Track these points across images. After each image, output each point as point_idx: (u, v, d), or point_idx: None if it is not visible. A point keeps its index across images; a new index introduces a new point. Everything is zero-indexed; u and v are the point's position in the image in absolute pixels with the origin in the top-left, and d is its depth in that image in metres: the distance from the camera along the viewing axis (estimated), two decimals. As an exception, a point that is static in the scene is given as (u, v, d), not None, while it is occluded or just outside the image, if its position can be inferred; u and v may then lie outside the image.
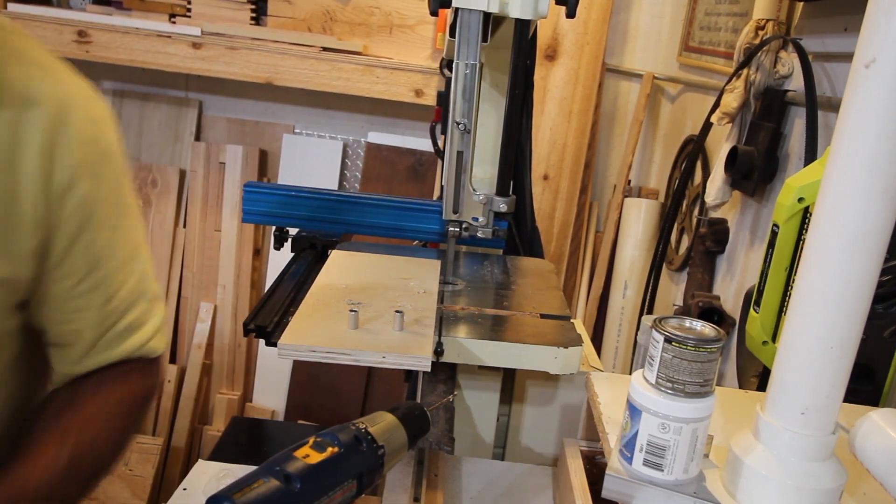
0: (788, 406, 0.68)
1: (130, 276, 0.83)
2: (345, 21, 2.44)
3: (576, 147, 2.44)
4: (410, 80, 2.33)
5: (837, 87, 1.42)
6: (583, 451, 0.96)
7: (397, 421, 0.77)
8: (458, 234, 1.24)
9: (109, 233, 0.79)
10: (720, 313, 1.73)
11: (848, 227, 0.62)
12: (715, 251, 1.86)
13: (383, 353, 0.88)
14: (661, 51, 2.54)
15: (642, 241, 2.41)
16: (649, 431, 0.72)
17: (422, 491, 0.93)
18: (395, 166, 2.61)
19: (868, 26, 0.59)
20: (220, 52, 2.30)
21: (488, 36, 1.08)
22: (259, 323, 1.04)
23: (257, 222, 2.38)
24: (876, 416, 0.66)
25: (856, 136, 0.60)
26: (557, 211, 2.49)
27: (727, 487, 0.73)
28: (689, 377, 0.70)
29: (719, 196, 1.72)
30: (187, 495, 0.89)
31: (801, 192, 0.91)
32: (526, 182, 1.48)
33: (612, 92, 2.62)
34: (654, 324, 0.72)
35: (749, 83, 1.62)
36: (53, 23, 2.25)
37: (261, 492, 0.62)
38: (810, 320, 0.65)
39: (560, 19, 2.34)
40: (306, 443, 0.68)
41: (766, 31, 1.60)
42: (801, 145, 1.46)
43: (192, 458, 2.61)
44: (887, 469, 0.64)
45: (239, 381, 2.67)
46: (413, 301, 1.05)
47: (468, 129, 1.13)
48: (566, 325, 1.07)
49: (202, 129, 2.65)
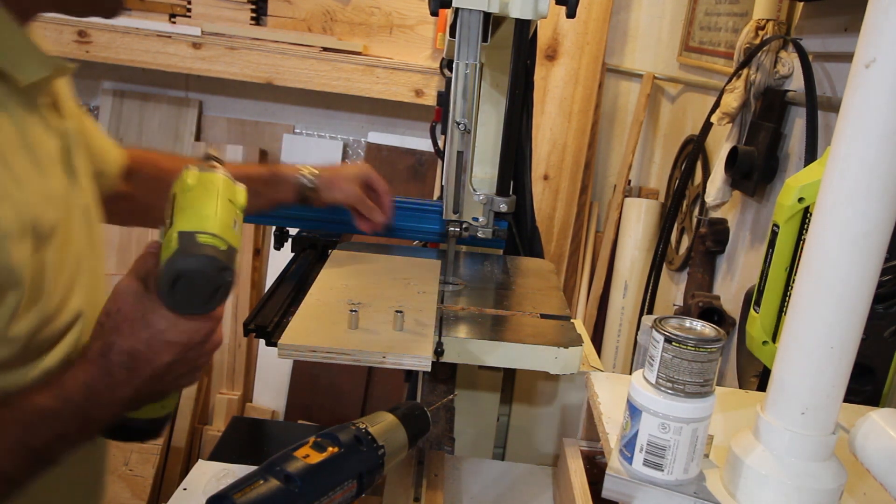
0: (788, 406, 0.68)
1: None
2: (345, 21, 2.44)
3: (576, 147, 2.44)
4: (410, 80, 2.33)
5: (837, 87, 1.42)
6: (583, 451, 0.96)
7: (397, 421, 0.77)
8: (458, 234, 1.24)
9: None
10: (720, 313, 1.73)
11: (848, 227, 0.62)
12: (715, 251, 1.86)
13: (383, 353, 0.88)
14: (662, 51, 2.54)
15: (642, 241, 2.41)
16: (649, 431, 0.72)
17: (422, 491, 0.93)
18: (395, 166, 2.61)
19: (868, 26, 0.59)
20: (220, 52, 2.30)
21: (488, 36, 1.08)
22: (259, 323, 1.04)
23: (257, 222, 2.38)
24: (876, 416, 0.66)
25: (856, 136, 0.60)
26: (557, 211, 2.49)
27: (727, 487, 0.73)
28: (689, 377, 0.70)
29: (719, 196, 1.72)
30: (187, 495, 0.89)
31: (801, 192, 0.90)
32: (526, 182, 1.48)
33: (612, 92, 2.62)
34: (654, 324, 0.72)
35: (749, 83, 1.62)
36: (54, 22, 2.25)
37: (261, 492, 0.62)
38: (810, 320, 0.65)
39: (560, 19, 2.34)
40: (306, 443, 0.68)
41: (766, 31, 1.60)
42: (801, 145, 1.46)
43: (192, 458, 2.61)
44: (887, 469, 0.64)
45: (239, 381, 2.67)
46: (413, 301, 1.05)
47: (468, 129, 1.13)
48: (566, 325, 1.07)
49: (202, 129, 2.65)
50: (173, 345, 0.67)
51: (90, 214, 0.82)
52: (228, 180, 0.74)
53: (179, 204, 0.69)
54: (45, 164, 0.72)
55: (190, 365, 0.70)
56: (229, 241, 0.67)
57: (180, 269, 0.64)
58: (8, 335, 0.66)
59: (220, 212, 0.69)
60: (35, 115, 0.72)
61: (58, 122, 0.76)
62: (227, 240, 0.67)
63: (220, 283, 0.65)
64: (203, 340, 0.69)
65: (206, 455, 2.40)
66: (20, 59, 0.66)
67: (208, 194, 0.70)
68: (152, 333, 0.66)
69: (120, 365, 0.66)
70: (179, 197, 0.70)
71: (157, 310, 0.66)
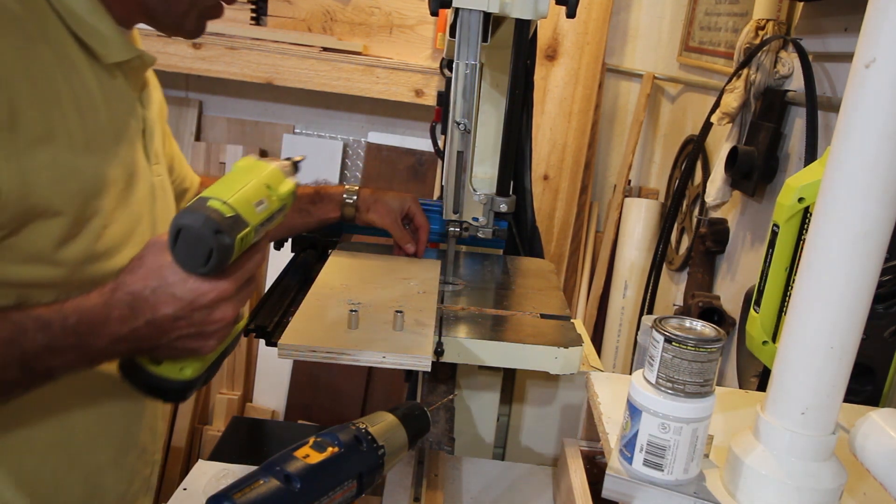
0: (788, 406, 0.68)
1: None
2: (345, 21, 2.44)
3: (576, 147, 2.44)
4: (410, 80, 2.33)
5: (837, 87, 1.42)
6: (583, 451, 0.96)
7: (397, 421, 0.77)
8: (458, 234, 1.24)
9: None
10: (720, 313, 1.73)
11: (848, 227, 0.62)
12: (715, 251, 1.86)
13: (383, 353, 0.88)
14: (662, 51, 2.54)
15: (642, 241, 2.41)
16: (649, 431, 0.72)
17: (422, 491, 0.93)
18: (395, 166, 2.61)
19: (868, 26, 0.59)
20: (220, 52, 2.30)
21: (488, 36, 1.07)
22: (259, 323, 1.03)
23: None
24: (876, 416, 0.66)
25: (856, 136, 0.60)
26: (557, 211, 2.49)
27: (727, 487, 0.73)
28: (689, 377, 0.70)
29: (719, 196, 1.72)
30: (187, 495, 0.89)
31: (801, 192, 0.90)
32: (526, 182, 1.48)
33: (612, 92, 2.61)
34: (654, 324, 0.72)
35: (749, 83, 1.62)
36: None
37: (261, 492, 0.62)
38: (810, 320, 0.65)
39: (560, 19, 2.34)
40: (306, 443, 0.68)
41: (766, 31, 1.60)
42: (801, 145, 1.46)
43: (192, 458, 2.61)
44: (887, 469, 0.64)
45: (239, 381, 2.67)
46: (413, 301, 1.05)
47: (468, 129, 1.13)
48: (566, 325, 1.07)
49: (202, 129, 2.65)
50: (177, 299, 0.71)
51: (156, 194, 0.93)
52: (278, 171, 0.77)
53: (220, 179, 0.74)
54: (121, 129, 0.85)
55: (196, 328, 0.73)
56: (240, 213, 0.70)
57: (180, 224, 0.68)
58: (56, 257, 0.76)
59: (247, 189, 0.72)
60: (119, 92, 0.86)
61: (141, 110, 0.91)
62: (238, 211, 0.70)
63: (213, 245, 0.68)
64: (209, 305, 0.72)
65: (206, 455, 2.40)
66: (107, 42, 0.81)
67: (247, 175, 0.74)
68: (160, 284, 0.71)
69: (121, 302, 0.71)
70: (226, 174, 0.75)
71: (172, 265, 0.71)
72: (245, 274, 0.75)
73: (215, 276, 0.72)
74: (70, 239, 0.77)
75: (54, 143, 0.74)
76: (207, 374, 0.81)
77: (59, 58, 0.77)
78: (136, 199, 0.88)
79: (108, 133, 0.83)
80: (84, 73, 0.80)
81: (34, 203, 0.73)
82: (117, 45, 0.83)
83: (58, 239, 0.76)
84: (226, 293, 0.72)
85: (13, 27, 0.72)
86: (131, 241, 0.86)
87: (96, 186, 0.80)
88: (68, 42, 0.78)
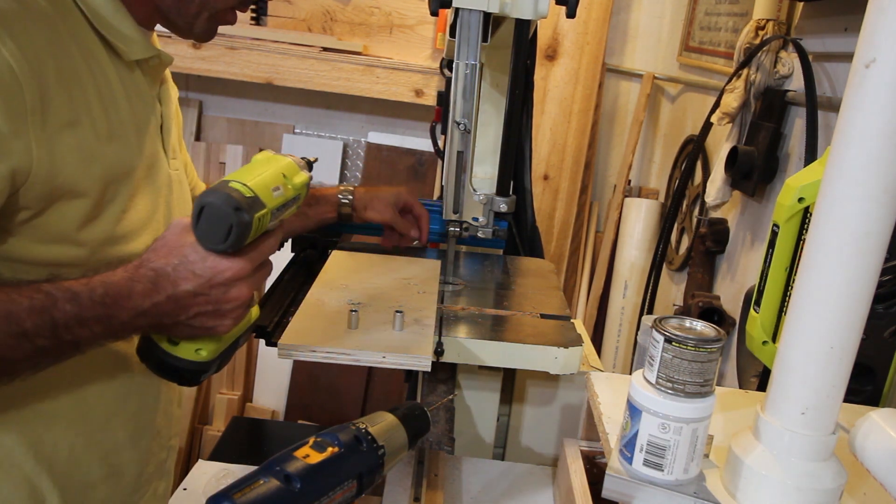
0: (788, 406, 0.68)
1: None
2: (345, 21, 2.44)
3: (576, 147, 2.44)
4: (410, 80, 2.33)
5: (837, 87, 1.42)
6: (583, 451, 0.96)
7: (397, 421, 0.77)
8: (458, 234, 1.24)
9: None
10: (720, 313, 1.73)
11: (848, 227, 0.62)
12: (715, 251, 1.86)
13: (383, 353, 0.88)
14: (661, 51, 2.54)
15: (642, 241, 2.41)
16: (649, 431, 0.72)
17: (422, 491, 0.93)
18: (395, 166, 2.61)
19: (868, 26, 0.59)
20: (220, 52, 2.30)
21: (488, 36, 1.07)
22: (259, 323, 1.03)
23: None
24: (876, 416, 0.66)
25: (856, 136, 0.60)
26: (557, 211, 2.49)
27: (727, 487, 0.73)
28: (689, 377, 0.70)
29: (719, 196, 1.72)
30: (187, 495, 0.89)
31: (801, 192, 0.90)
32: (526, 182, 1.48)
33: (612, 92, 2.61)
34: (654, 324, 0.72)
35: (749, 83, 1.62)
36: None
37: (261, 492, 0.62)
38: (810, 320, 0.65)
39: (560, 19, 2.34)
40: (306, 443, 0.69)
41: (766, 31, 1.60)
42: (801, 145, 1.46)
43: (192, 458, 2.61)
44: (887, 469, 0.64)
45: (239, 381, 2.67)
46: (413, 301, 1.05)
47: (468, 129, 1.13)
48: (566, 325, 1.07)
49: (202, 129, 2.65)
50: (197, 276, 0.75)
51: (173, 187, 0.98)
52: (293, 163, 0.84)
53: (241, 168, 0.79)
54: (141, 123, 0.90)
55: (214, 305, 0.77)
56: (258, 195, 0.75)
57: (203, 202, 0.72)
58: (79, 237, 0.81)
59: (265, 175, 0.78)
60: (138, 88, 0.90)
61: (159, 107, 0.96)
62: (256, 193, 0.74)
63: (233, 221, 0.72)
64: (226, 283, 0.76)
65: (206, 455, 2.40)
66: (127, 40, 0.86)
67: (265, 164, 0.80)
68: (182, 261, 0.75)
69: (144, 277, 0.75)
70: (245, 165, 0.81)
71: (193, 245, 0.75)
72: (260, 256, 0.79)
73: (233, 255, 0.76)
74: (91, 220, 0.82)
75: (80, 129, 0.79)
76: (221, 359, 0.83)
77: (85, 53, 0.81)
78: (154, 188, 0.93)
79: (129, 125, 0.87)
80: (107, 69, 0.85)
81: (60, 183, 0.77)
82: (138, 44, 0.88)
83: (80, 220, 0.81)
84: (242, 272, 0.76)
85: (43, 23, 0.77)
86: (149, 227, 0.91)
87: (118, 172, 0.85)
88: (92, 40, 0.83)
